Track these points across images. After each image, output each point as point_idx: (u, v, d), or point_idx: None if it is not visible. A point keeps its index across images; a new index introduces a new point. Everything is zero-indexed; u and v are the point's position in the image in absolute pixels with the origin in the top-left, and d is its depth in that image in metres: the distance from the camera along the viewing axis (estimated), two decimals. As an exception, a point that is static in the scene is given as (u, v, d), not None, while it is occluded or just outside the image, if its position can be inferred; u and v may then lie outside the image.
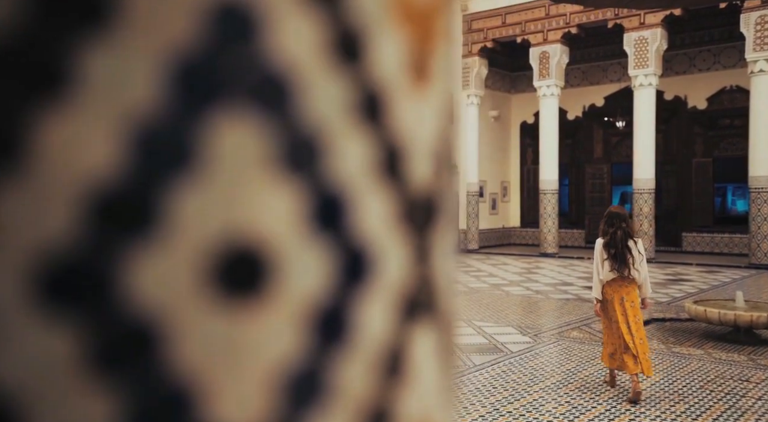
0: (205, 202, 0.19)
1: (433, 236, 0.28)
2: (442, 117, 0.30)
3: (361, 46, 0.24)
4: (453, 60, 0.32)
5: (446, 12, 0.30)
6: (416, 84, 0.27)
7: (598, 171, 16.59)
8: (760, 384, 4.45)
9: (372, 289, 0.25)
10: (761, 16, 11.47)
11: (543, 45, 14.17)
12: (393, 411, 0.26)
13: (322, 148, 0.23)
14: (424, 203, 0.28)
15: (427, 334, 0.28)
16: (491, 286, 9.62)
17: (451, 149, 0.31)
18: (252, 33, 0.20)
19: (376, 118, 0.25)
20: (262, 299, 0.21)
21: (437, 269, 0.29)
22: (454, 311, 0.32)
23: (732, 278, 10.52)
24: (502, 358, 5.23)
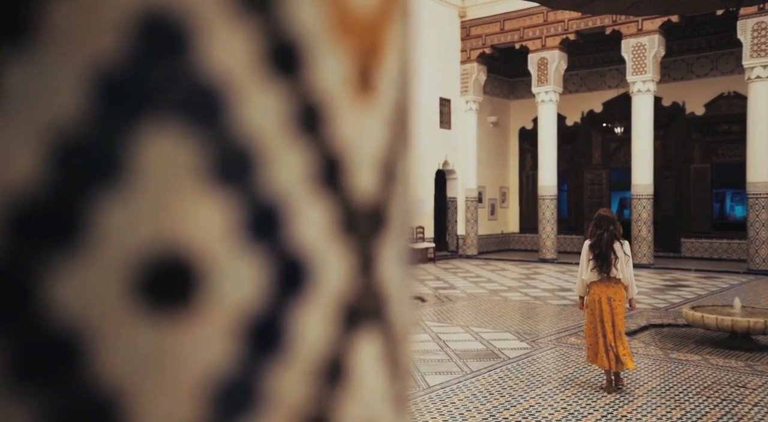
0: (130, 213, 0.19)
1: (379, 245, 0.29)
2: (392, 129, 0.30)
3: (299, 59, 0.25)
4: (407, 72, 0.33)
5: (396, 25, 0.30)
6: (360, 96, 0.28)
7: (597, 177, 16.61)
8: (757, 390, 4.44)
9: (310, 298, 0.25)
10: (758, 23, 11.51)
11: (541, 51, 14.21)
12: (332, 418, 0.26)
13: (257, 159, 0.23)
14: (368, 214, 0.28)
15: (371, 342, 0.28)
16: (490, 292, 9.62)
17: (403, 160, 0.31)
18: (181, 46, 0.20)
19: (315, 130, 0.26)
20: (192, 310, 0.21)
21: (384, 279, 0.29)
22: (406, 319, 0.32)
23: (730, 283, 10.52)
24: (499, 364, 5.23)
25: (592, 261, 4.39)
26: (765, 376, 4.82)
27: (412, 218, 0.35)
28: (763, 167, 11.74)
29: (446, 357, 5.47)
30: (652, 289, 9.96)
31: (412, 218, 0.35)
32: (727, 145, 14.58)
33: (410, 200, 0.34)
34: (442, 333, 6.47)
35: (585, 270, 4.46)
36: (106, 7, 0.17)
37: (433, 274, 11.97)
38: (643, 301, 8.67)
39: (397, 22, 0.31)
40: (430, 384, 4.64)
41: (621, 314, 4.45)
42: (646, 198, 13.03)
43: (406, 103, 0.32)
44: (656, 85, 13.01)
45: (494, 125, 16.78)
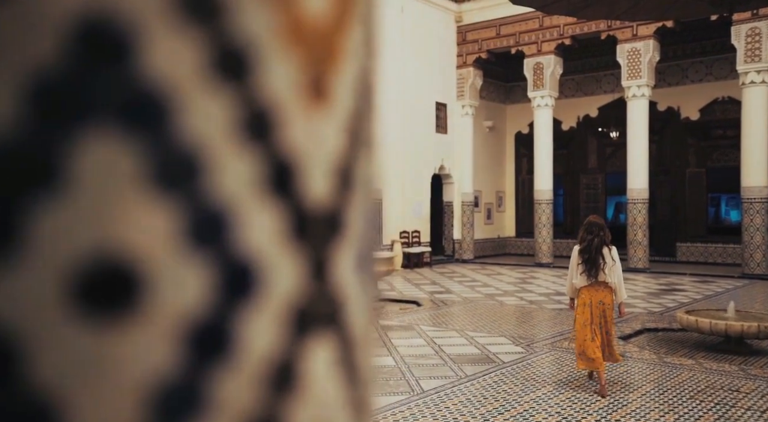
0: (67, 219, 0.19)
1: (334, 250, 0.29)
2: (349, 135, 0.30)
3: (246, 66, 0.25)
4: (367, 78, 0.33)
5: (354, 32, 0.31)
6: (313, 103, 0.28)
7: (593, 181, 16.65)
8: (750, 394, 4.45)
9: (258, 304, 0.25)
10: (751, 29, 11.58)
11: (537, 56, 14.26)
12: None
13: (202, 165, 0.24)
14: (322, 219, 0.28)
15: (325, 347, 0.28)
16: (485, 296, 9.61)
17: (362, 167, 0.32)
18: (123, 53, 0.20)
19: (264, 136, 0.26)
20: (132, 315, 0.21)
21: (340, 284, 0.29)
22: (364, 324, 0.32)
23: (725, 288, 10.54)
24: (494, 368, 5.22)
25: (581, 266, 4.52)
26: (758, 380, 4.83)
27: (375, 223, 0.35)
28: (757, 172, 11.78)
29: (441, 362, 5.46)
30: (648, 293, 9.97)
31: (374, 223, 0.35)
32: (722, 149, 14.64)
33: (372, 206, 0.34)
34: (438, 338, 6.47)
35: (575, 275, 4.58)
36: (44, 13, 0.17)
37: (429, 278, 11.97)
38: (638, 305, 8.68)
39: (356, 30, 0.31)
40: (424, 389, 4.63)
41: (611, 318, 4.58)
42: (641, 202, 13.06)
43: (365, 110, 0.32)
44: (651, 90, 13.06)
45: (490, 130, 16.81)
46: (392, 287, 10.59)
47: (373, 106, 0.34)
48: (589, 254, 4.47)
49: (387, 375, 5.00)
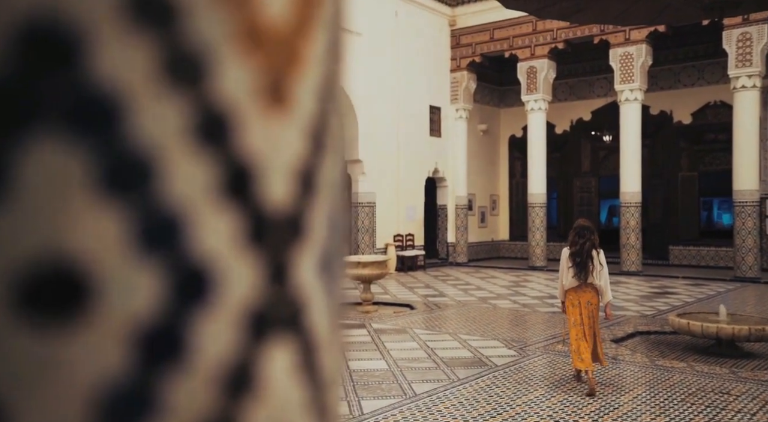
0: (10, 224, 0.19)
1: (294, 254, 0.29)
2: (311, 139, 0.30)
3: (201, 70, 0.25)
4: (332, 82, 0.33)
5: (318, 36, 0.31)
6: (271, 107, 0.28)
7: (586, 184, 16.71)
8: (741, 397, 4.47)
9: (212, 308, 0.25)
10: (742, 34, 11.66)
11: (530, 60, 14.32)
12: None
13: (153, 169, 0.24)
14: (281, 223, 0.28)
15: (284, 351, 0.28)
16: (479, 299, 9.62)
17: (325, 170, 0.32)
18: (70, 57, 0.20)
19: (220, 140, 0.26)
20: (80, 320, 0.21)
21: (301, 287, 0.29)
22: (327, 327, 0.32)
23: (717, 291, 10.58)
24: (487, 372, 5.22)
25: (572, 268, 4.69)
26: (749, 383, 4.85)
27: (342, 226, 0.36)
28: (749, 176, 11.85)
29: (434, 365, 5.46)
30: (640, 296, 10.01)
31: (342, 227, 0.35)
32: (714, 153, 14.72)
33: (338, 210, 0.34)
34: (431, 341, 6.47)
35: (565, 277, 4.76)
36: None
37: (422, 282, 11.97)
38: (630, 308, 8.71)
39: (320, 35, 0.31)
40: (417, 392, 4.63)
41: (597, 318, 4.80)
42: (634, 206, 13.11)
43: (330, 115, 0.32)
44: (644, 94, 13.13)
45: (484, 133, 16.85)
46: (386, 290, 10.58)
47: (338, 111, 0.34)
48: (581, 258, 4.65)
49: (379, 379, 5.00)
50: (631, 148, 13.05)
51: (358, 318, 7.81)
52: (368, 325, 7.33)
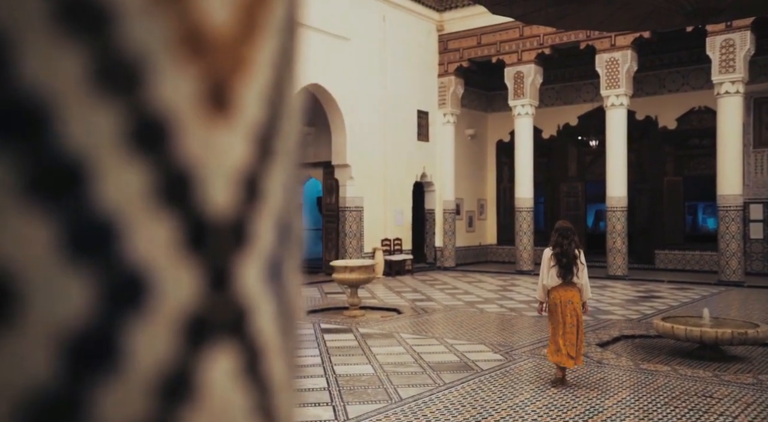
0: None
1: (238, 260, 0.29)
2: (257, 145, 0.30)
3: (136, 76, 0.25)
4: (282, 88, 0.33)
5: (266, 42, 0.31)
6: (213, 113, 0.28)
7: (573, 189, 16.81)
8: (723, 400, 4.51)
9: (147, 314, 0.25)
10: (725, 40, 11.81)
11: (517, 65, 14.40)
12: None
13: (85, 176, 0.24)
14: (223, 229, 0.28)
15: (226, 357, 0.28)
16: (466, 304, 9.64)
17: (273, 177, 0.32)
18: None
19: (156, 146, 0.26)
20: (3, 325, 0.21)
21: (244, 293, 0.29)
22: (275, 332, 0.32)
23: (702, 295, 10.68)
24: (472, 376, 5.23)
25: (555, 268, 4.82)
26: (731, 386, 4.89)
27: (295, 232, 0.35)
28: (732, 180, 11.98)
29: (420, 369, 5.46)
30: (626, 300, 10.07)
31: (294, 233, 0.35)
32: (699, 158, 14.88)
33: (290, 216, 0.34)
34: (417, 345, 6.47)
35: (546, 277, 4.89)
36: None
37: (410, 286, 11.97)
38: (616, 312, 8.76)
39: (268, 40, 0.31)
40: (402, 397, 4.62)
41: (581, 315, 4.92)
42: (620, 210, 13.21)
43: (279, 121, 0.32)
44: (629, 99, 13.25)
45: (472, 138, 16.91)
46: (373, 295, 10.57)
47: (289, 117, 0.34)
48: (567, 259, 4.79)
49: (365, 383, 4.99)
50: (617, 153, 13.15)
51: (344, 323, 7.80)
52: (355, 330, 7.31)
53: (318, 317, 8.37)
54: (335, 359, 5.84)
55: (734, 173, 11.99)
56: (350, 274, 8.35)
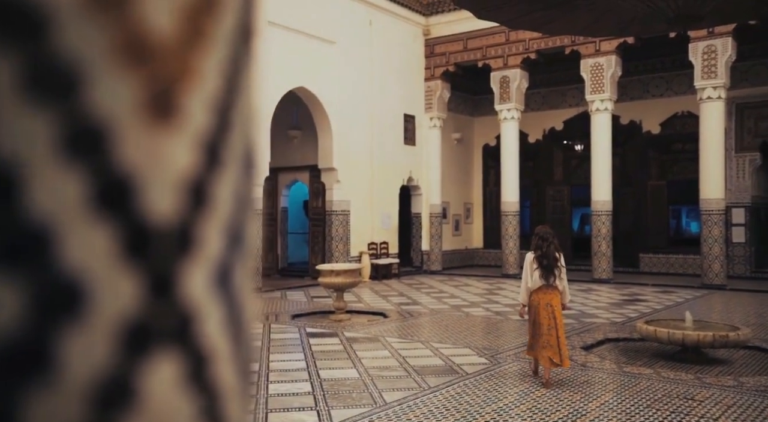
0: None
1: (182, 267, 0.29)
2: (204, 151, 0.30)
3: (71, 82, 0.25)
4: (233, 94, 0.33)
5: (215, 49, 0.31)
6: (156, 120, 0.28)
7: (559, 193, 16.92)
8: (704, 402, 4.55)
9: (83, 322, 0.25)
10: (708, 46, 11.97)
11: (503, 70, 14.49)
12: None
13: (17, 183, 0.24)
14: (166, 236, 0.28)
15: (169, 363, 0.28)
16: (452, 307, 9.65)
17: (222, 182, 0.32)
18: None
19: (93, 153, 0.26)
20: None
21: (189, 300, 0.29)
22: (224, 338, 0.32)
23: (685, 298, 10.78)
24: (457, 380, 5.24)
25: (538, 270, 4.99)
26: (712, 388, 4.94)
27: (248, 238, 0.35)
28: (715, 185, 12.13)
29: (405, 373, 5.46)
30: (610, 304, 10.14)
31: (246, 239, 0.35)
32: (682, 163, 15.05)
33: (241, 222, 0.34)
34: (403, 349, 6.47)
35: (529, 279, 5.06)
36: None
37: (396, 290, 11.97)
38: (600, 316, 8.82)
39: (217, 47, 0.31)
40: (387, 401, 4.62)
41: (561, 318, 5.05)
42: (605, 214, 13.31)
43: (229, 127, 0.32)
44: (614, 104, 13.38)
45: (458, 142, 16.98)
46: (360, 298, 10.56)
47: (241, 125, 0.34)
48: (548, 260, 4.97)
49: (350, 388, 4.97)
50: (602, 157, 13.26)
51: (330, 327, 7.78)
52: (340, 334, 7.30)
53: (304, 321, 8.34)
54: (320, 363, 5.83)
55: (716, 177, 12.13)
56: (336, 278, 8.34)
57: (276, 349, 6.50)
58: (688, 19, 5.58)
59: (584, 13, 6.49)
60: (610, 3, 5.70)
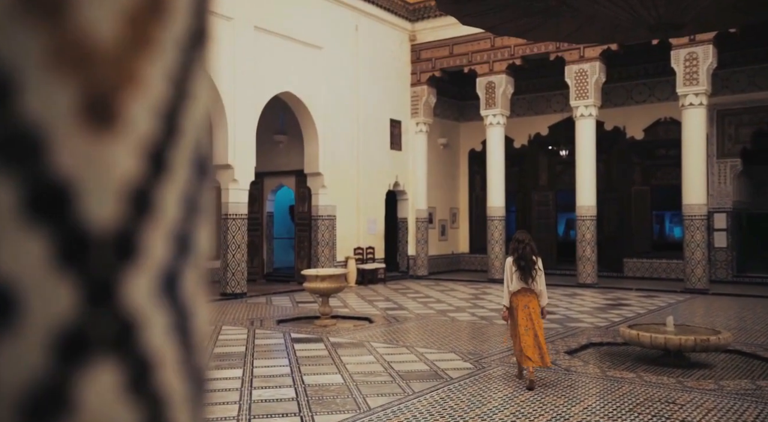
0: None
1: (122, 274, 0.29)
2: (147, 157, 0.30)
3: (4, 88, 0.25)
4: (176, 104, 0.32)
5: (155, 58, 0.30)
6: (95, 127, 0.28)
7: (544, 198, 17.02)
8: (685, 406, 4.59)
9: (12, 331, 0.25)
10: (689, 53, 12.14)
11: (489, 75, 14.58)
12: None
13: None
14: (105, 243, 0.28)
15: (108, 372, 0.28)
16: (438, 312, 9.66)
17: (166, 189, 0.31)
18: None
19: (25, 159, 0.26)
20: None
21: (131, 307, 0.29)
22: (169, 345, 0.32)
23: (668, 302, 10.88)
24: (442, 385, 5.24)
25: (516, 272, 5.20)
26: (693, 392, 4.99)
27: (195, 243, 0.35)
28: (697, 190, 12.27)
29: (390, 379, 5.45)
30: (595, 308, 10.21)
31: (193, 244, 0.35)
32: (665, 168, 15.21)
33: (191, 228, 0.34)
34: (388, 354, 6.46)
35: (510, 282, 5.25)
36: None
37: (383, 295, 11.96)
38: (585, 320, 8.87)
39: (164, 54, 0.31)
40: (371, 407, 4.60)
41: (538, 320, 5.19)
42: (590, 219, 13.41)
43: (175, 134, 0.32)
44: (598, 110, 13.50)
45: (444, 147, 17.03)
46: (345, 304, 10.53)
47: (191, 131, 0.34)
48: (525, 261, 5.16)
49: (334, 393, 4.96)
50: (587, 162, 13.37)
51: (315, 332, 7.75)
52: (326, 339, 7.27)
53: (289, 326, 8.31)
54: (305, 368, 5.80)
55: (699, 182, 12.28)
56: (321, 283, 8.31)
57: (260, 355, 6.46)
58: (669, 27, 5.66)
59: (567, 21, 6.55)
60: (593, 11, 5.76)
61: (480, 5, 6.27)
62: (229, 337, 7.42)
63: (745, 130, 13.88)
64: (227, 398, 4.83)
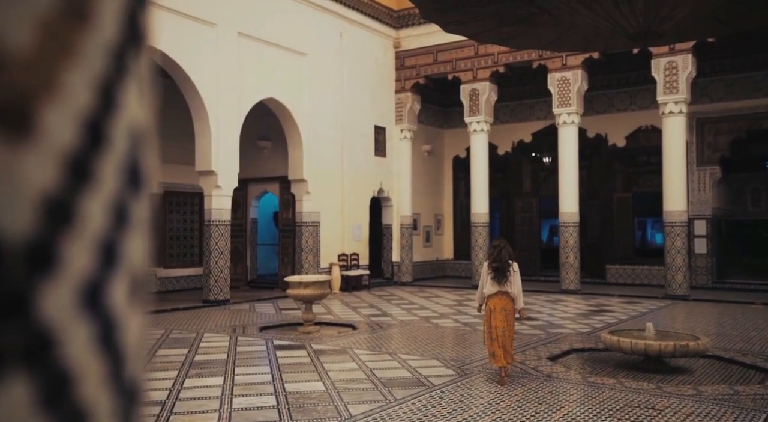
0: None
1: (38, 285, 0.28)
2: (66, 166, 0.30)
3: None
4: (100, 112, 0.32)
5: (75, 67, 0.30)
6: (8, 135, 0.27)
7: (528, 205, 17.12)
8: (664, 411, 4.62)
9: None
10: (669, 62, 12.31)
11: (473, 82, 14.67)
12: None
13: None
14: (16, 253, 0.27)
15: (19, 387, 0.27)
16: (421, 319, 9.66)
17: (86, 199, 0.31)
18: None
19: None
20: None
21: (49, 319, 0.28)
22: (91, 357, 0.31)
23: (650, 308, 10.98)
24: (424, 391, 5.23)
25: (491, 274, 5.48)
26: (672, 397, 5.03)
27: (122, 252, 0.35)
28: (677, 197, 12.42)
29: (372, 386, 5.43)
30: (577, 314, 10.27)
31: (120, 254, 0.34)
32: (646, 175, 15.38)
33: (119, 237, 0.34)
34: (370, 361, 6.44)
35: (485, 285, 5.54)
36: None
37: (367, 301, 11.94)
38: (567, 326, 8.92)
39: (88, 62, 0.30)
40: (352, 414, 4.58)
41: (512, 322, 5.52)
42: (572, 226, 13.51)
43: (100, 143, 0.32)
44: (580, 117, 13.64)
45: (429, 154, 17.08)
46: (329, 310, 10.50)
47: (119, 140, 0.33)
48: (499, 263, 5.44)
49: (315, 401, 4.93)
50: (569, 169, 13.49)
51: (298, 339, 7.71)
52: (308, 346, 7.24)
53: (271, 333, 8.25)
54: (286, 376, 5.76)
55: (679, 190, 12.43)
56: (305, 290, 8.28)
57: (242, 362, 6.41)
58: (648, 36, 5.74)
59: (549, 29, 6.61)
60: (574, 20, 5.82)
61: (462, 14, 6.31)
62: (210, 345, 7.35)
63: (724, 138, 14.09)
64: (207, 406, 4.78)
